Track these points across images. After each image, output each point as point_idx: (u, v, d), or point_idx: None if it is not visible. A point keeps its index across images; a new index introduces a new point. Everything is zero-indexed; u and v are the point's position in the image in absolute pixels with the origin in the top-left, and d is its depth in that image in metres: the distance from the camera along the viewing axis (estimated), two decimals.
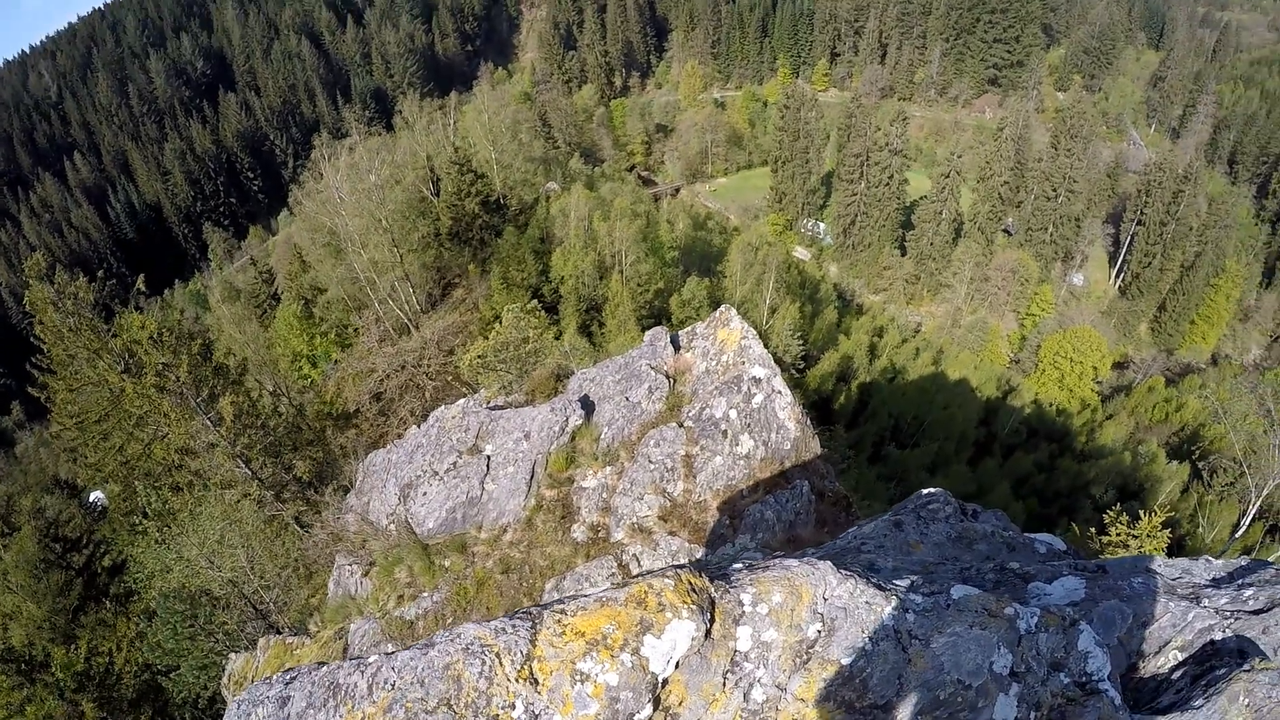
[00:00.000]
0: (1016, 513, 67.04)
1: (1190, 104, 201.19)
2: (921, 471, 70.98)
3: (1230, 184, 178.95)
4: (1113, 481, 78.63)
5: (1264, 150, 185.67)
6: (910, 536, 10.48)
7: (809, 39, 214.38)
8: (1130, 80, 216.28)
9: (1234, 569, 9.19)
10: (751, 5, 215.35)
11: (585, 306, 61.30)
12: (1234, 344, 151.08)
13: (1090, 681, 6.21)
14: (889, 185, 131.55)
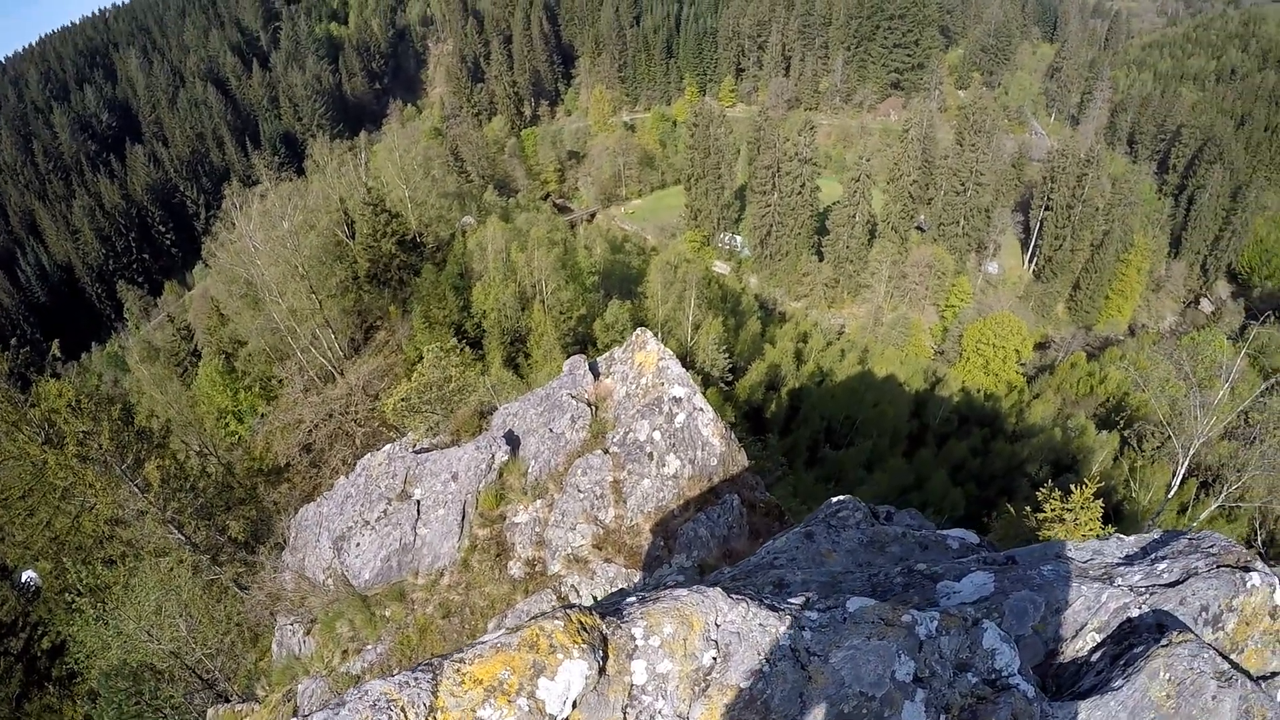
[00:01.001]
0: (955, 499, 68.16)
1: (1087, 91, 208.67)
2: (859, 469, 71.57)
3: (1131, 163, 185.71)
4: (1046, 458, 79.93)
5: (1161, 128, 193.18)
6: (822, 546, 10.46)
7: (714, 57, 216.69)
8: (1028, 74, 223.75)
9: (1147, 543, 9.20)
10: (656, 27, 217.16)
11: (509, 339, 60.95)
12: (1149, 313, 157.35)
13: (1000, 678, 6.28)
14: (801, 193, 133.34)
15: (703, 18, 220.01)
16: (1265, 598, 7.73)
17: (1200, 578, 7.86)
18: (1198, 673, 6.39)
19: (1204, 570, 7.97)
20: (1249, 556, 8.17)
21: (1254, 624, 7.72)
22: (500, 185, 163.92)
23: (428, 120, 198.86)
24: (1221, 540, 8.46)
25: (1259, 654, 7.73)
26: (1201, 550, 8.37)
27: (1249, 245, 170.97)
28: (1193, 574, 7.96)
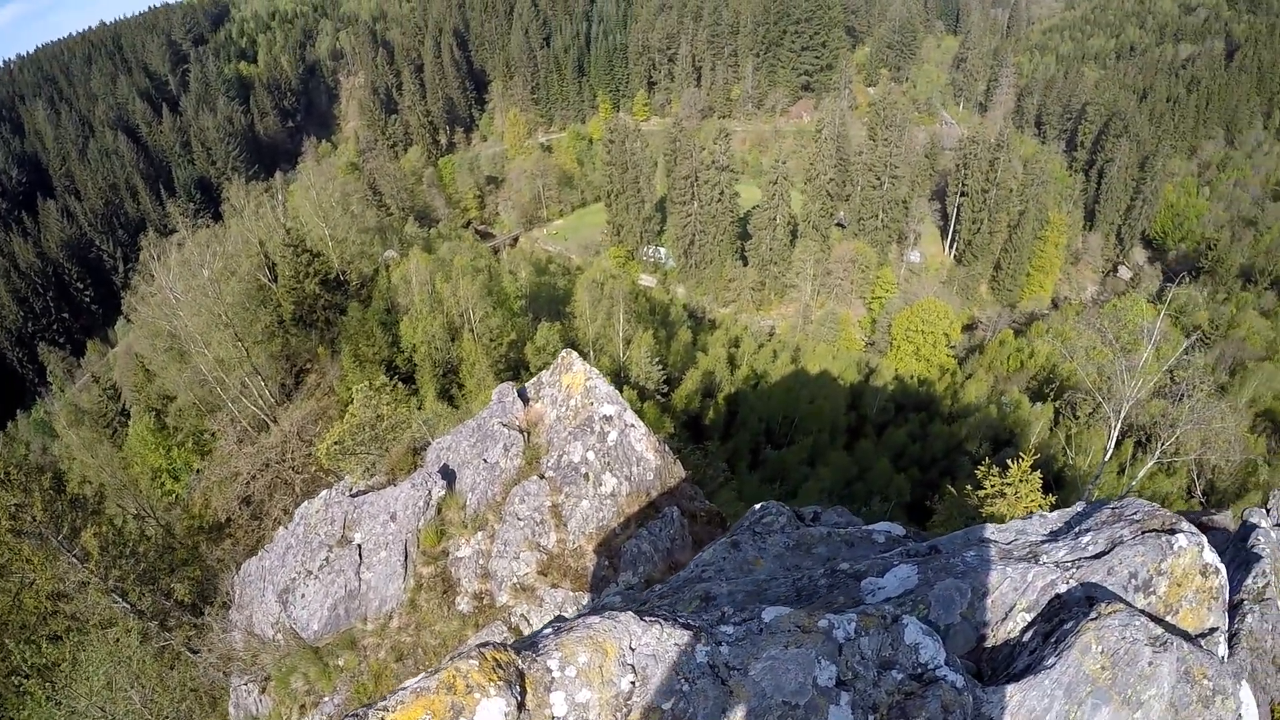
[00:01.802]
0: (900, 485, 68.89)
1: (993, 78, 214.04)
2: (802, 467, 71.94)
3: (1041, 144, 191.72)
4: (985, 435, 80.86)
5: (1066, 108, 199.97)
6: (749, 554, 10.48)
7: (625, 72, 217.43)
8: (934, 66, 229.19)
9: (1070, 517, 9.27)
10: (566, 47, 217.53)
11: (442, 370, 60.49)
12: (1070, 286, 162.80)
13: (927, 671, 6.35)
14: (721, 201, 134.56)
15: (612, 34, 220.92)
16: (1194, 558, 7.91)
17: (1126, 546, 8.00)
18: (1131, 641, 6.53)
19: (1129, 538, 8.11)
20: (1173, 519, 8.33)
21: (1185, 584, 7.89)
22: (421, 216, 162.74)
23: (343, 155, 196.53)
24: (1145, 506, 8.63)
25: (1195, 613, 7.91)
26: (1125, 518, 8.52)
27: (1160, 212, 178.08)
28: (1118, 543, 8.09)
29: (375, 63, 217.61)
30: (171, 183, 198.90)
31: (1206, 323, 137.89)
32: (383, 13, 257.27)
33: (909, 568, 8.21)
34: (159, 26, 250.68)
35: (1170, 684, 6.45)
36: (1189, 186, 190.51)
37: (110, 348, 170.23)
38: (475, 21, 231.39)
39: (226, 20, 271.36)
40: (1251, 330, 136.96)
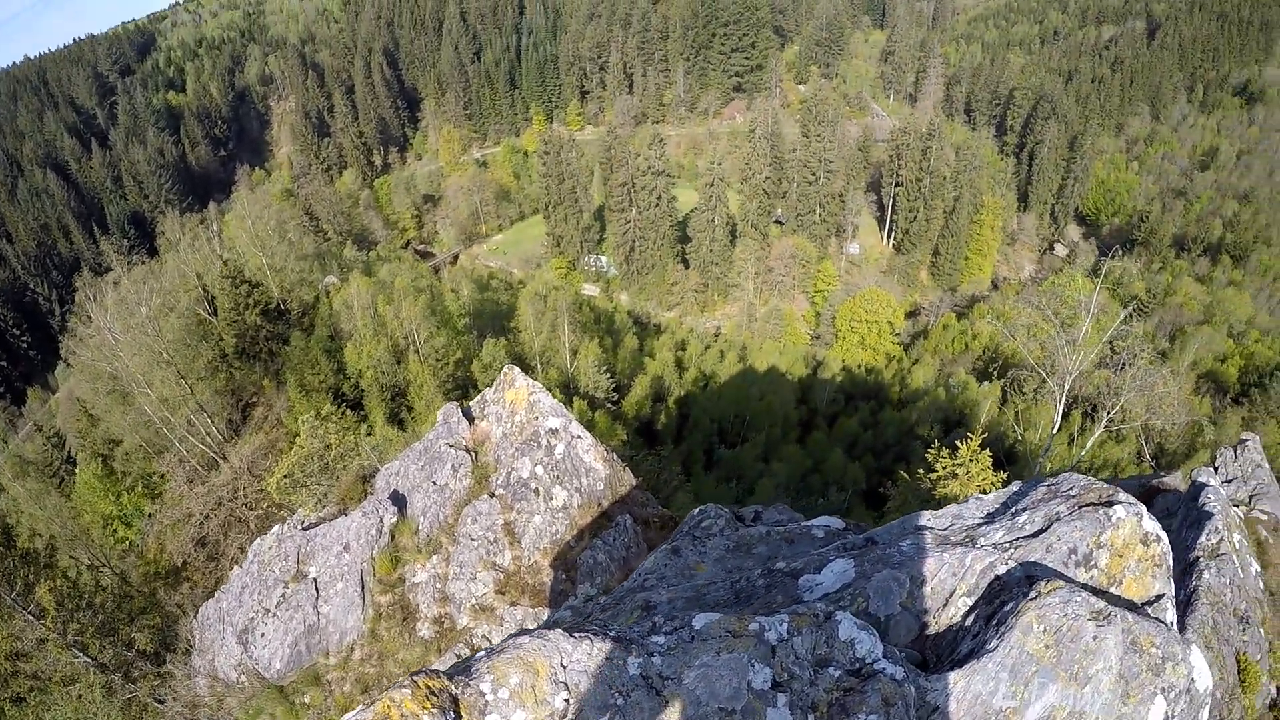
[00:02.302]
0: (855, 474, 69.24)
1: (921, 70, 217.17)
2: (757, 463, 72.15)
3: (971, 130, 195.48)
4: (935, 418, 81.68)
5: (994, 94, 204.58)
6: (689, 559, 10.51)
7: (557, 83, 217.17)
8: (863, 61, 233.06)
9: (1007, 497, 9.27)
10: (497, 60, 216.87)
11: (390, 395, 59.96)
12: (1009, 266, 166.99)
13: (864, 666, 6.39)
14: (659, 206, 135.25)
15: (542, 45, 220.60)
16: (1133, 528, 7.98)
17: (1063, 522, 8.02)
18: (1073, 617, 6.55)
19: (1066, 514, 8.14)
20: (1110, 491, 8.38)
21: (1127, 555, 7.94)
22: (359, 239, 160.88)
23: (277, 182, 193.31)
24: (1080, 480, 8.69)
25: (1139, 581, 7.96)
26: (1061, 494, 8.56)
27: (1092, 189, 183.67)
28: (1056, 520, 8.10)
29: (305, 86, 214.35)
30: (104, 220, 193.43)
31: (1144, 292, 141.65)
32: (311, 35, 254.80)
33: (845, 562, 8.23)
34: (84, 59, 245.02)
35: (1118, 656, 6.49)
36: (1118, 163, 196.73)
37: (51, 394, 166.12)
38: (405, 39, 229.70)
39: (153, 49, 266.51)
40: (1188, 296, 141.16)
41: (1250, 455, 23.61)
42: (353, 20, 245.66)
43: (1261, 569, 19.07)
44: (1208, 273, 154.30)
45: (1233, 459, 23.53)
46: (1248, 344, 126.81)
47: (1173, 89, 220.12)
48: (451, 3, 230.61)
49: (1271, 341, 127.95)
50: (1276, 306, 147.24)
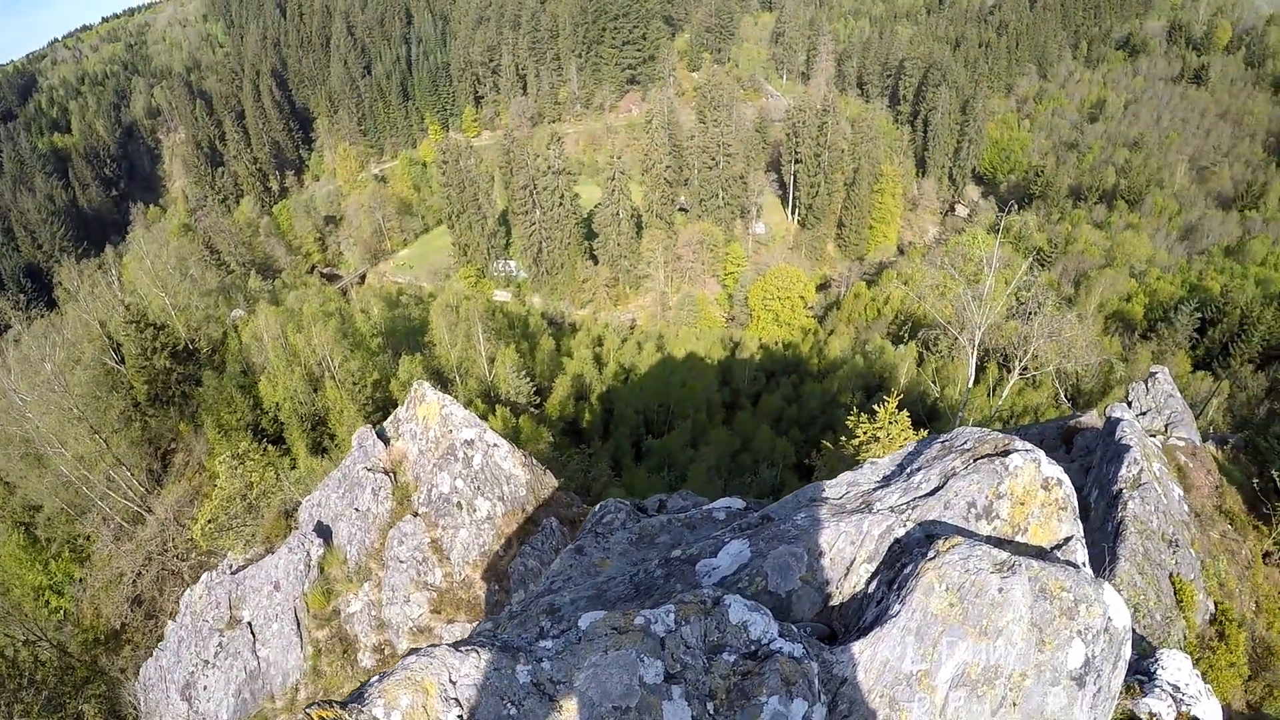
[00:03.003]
0: (784, 448, 69.62)
1: (812, 48, 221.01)
2: (685, 450, 72.41)
3: (865, 103, 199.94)
4: (856, 385, 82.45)
5: (885, 66, 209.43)
6: (594, 557, 10.28)
7: (450, 90, 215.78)
8: (754, 44, 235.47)
9: (903, 458, 9.23)
10: (388, 73, 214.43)
11: (310, 425, 59.01)
12: (913, 231, 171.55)
13: (760, 647, 6.30)
14: (562, 205, 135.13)
15: (433, 54, 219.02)
16: (1032, 474, 7.95)
17: (960, 477, 8.01)
18: (975, 572, 6.52)
19: (962, 469, 8.13)
20: (1006, 440, 8.39)
21: (1029, 502, 7.89)
22: (263, 268, 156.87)
23: (174, 217, 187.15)
24: (974, 433, 8.74)
25: (1044, 526, 7.91)
26: (956, 449, 8.57)
27: (987, 149, 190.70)
28: (952, 475, 8.10)
29: (194, 115, 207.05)
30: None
31: (1045, 243, 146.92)
32: (196, 62, 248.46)
33: (740, 542, 8.09)
34: None
35: (1027, 605, 6.49)
36: (1010, 122, 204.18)
37: None
38: (292, 59, 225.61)
39: (34, 90, 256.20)
40: (1089, 243, 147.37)
41: (1161, 386, 24.62)
42: (238, 44, 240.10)
43: (1185, 493, 20.15)
44: (1105, 219, 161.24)
45: (1145, 392, 24.55)
46: (1150, 282, 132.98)
47: (1058, 47, 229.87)
48: (338, 18, 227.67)
49: (1172, 278, 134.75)
50: (1174, 244, 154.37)
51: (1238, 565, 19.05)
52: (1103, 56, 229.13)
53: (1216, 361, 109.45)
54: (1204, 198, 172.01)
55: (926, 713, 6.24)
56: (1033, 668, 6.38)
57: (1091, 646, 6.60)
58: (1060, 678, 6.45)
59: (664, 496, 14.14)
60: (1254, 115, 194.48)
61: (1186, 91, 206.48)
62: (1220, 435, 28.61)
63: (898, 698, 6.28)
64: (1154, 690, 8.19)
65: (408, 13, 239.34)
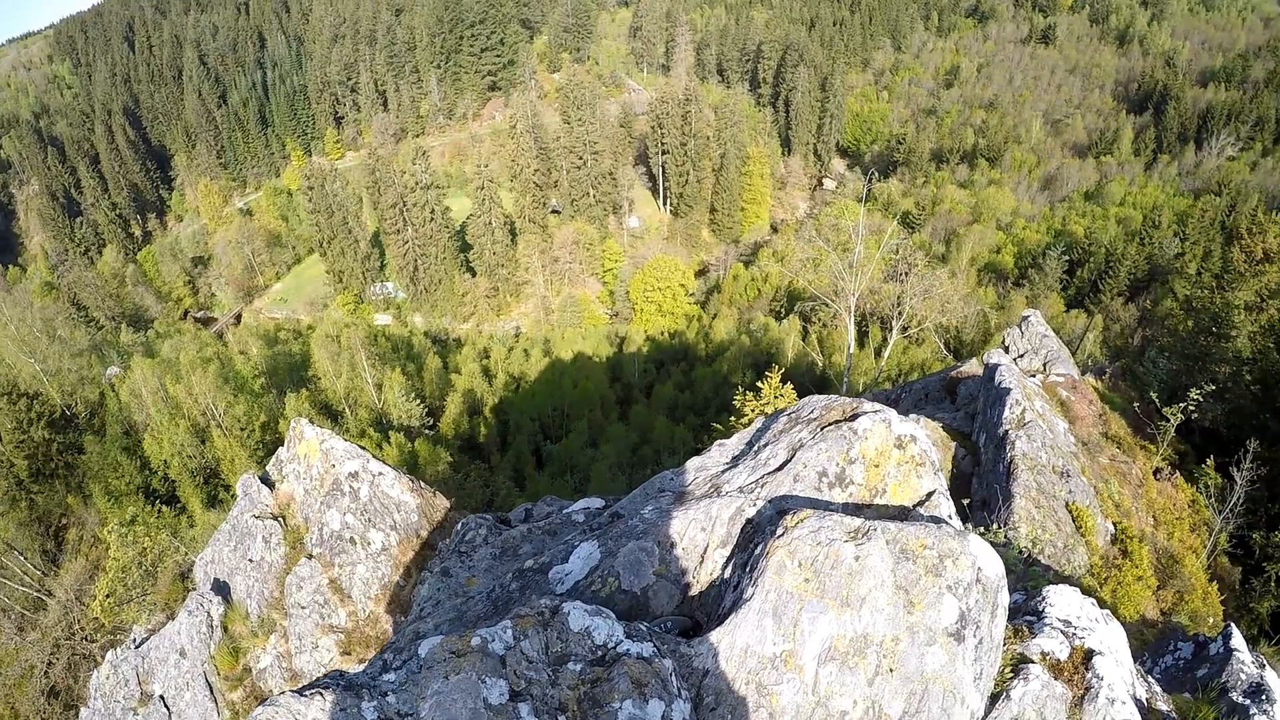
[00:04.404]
0: (682, 435, 70.36)
1: (670, 39, 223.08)
2: (586, 450, 73.14)
3: (726, 89, 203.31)
4: (745, 364, 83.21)
5: (743, 51, 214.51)
6: (461, 578, 10.45)
7: (309, 114, 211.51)
8: (613, 40, 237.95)
9: (750, 435, 9.35)
10: (244, 101, 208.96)
11: (202, 478, 57.92)
12: (784, 208, 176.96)
13: (607, 652, 6.24)
14: (434, 220, 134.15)
15: (289, 77, 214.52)
16: (884, 435, 8.05)
17: (807, 447, 8.07)
18: (827, 543, 6.44)
19: (810, 439, 8.21)
20: (853, 405, 8.49)
21: (884, 463, 8.00)
22: (134, 320, 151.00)
23: (35, 276, 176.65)
24: (820, 401, 8.80)
25: (903, 485, 8.03)
26: (802, 420, 8.64)
27: (848, 123, 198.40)
28: (800, 447, 8.16)
29: (46, 165, 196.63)
30: None
31: (913, 206, 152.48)
32: (44, 107, 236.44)
33: (590, 544, 8.08)
34: None
35: (888, 568, 6.41)
36: (869, 95, 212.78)
37: None
38: (144, 95, 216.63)
39: None
40: (955, 202, 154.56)
41: (1035, 328, 25.93)
42: (86, 84, 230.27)
43: (1070, 425, 21.50)
44: (968, 178, 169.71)
45: (1020, 335, 25.87)
46: (1017, 232, 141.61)
47: (910, 20, 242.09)
48: (189, 47, 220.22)
49: (1037, 226, 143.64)
50: (1036, 195, 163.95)
51: (1130, 485, 20.44)
52: (953, 25, 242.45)
53: (1088, 299, 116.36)
54: (1060, 148, 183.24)
55: (798, 693, 6.17)
56: (904, 631, 6.32)
57: (964, 600, 6.58)
58: (936, 636, 6.40)
59: (529, 505, 14.54)
60: (1101, 68, 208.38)
61: (1036, 51, 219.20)
62: (1099, 366, 30.61)
63: (765, 682, 6.23)
64: (1044, 629, 8.11)
65: (260, 36, 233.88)
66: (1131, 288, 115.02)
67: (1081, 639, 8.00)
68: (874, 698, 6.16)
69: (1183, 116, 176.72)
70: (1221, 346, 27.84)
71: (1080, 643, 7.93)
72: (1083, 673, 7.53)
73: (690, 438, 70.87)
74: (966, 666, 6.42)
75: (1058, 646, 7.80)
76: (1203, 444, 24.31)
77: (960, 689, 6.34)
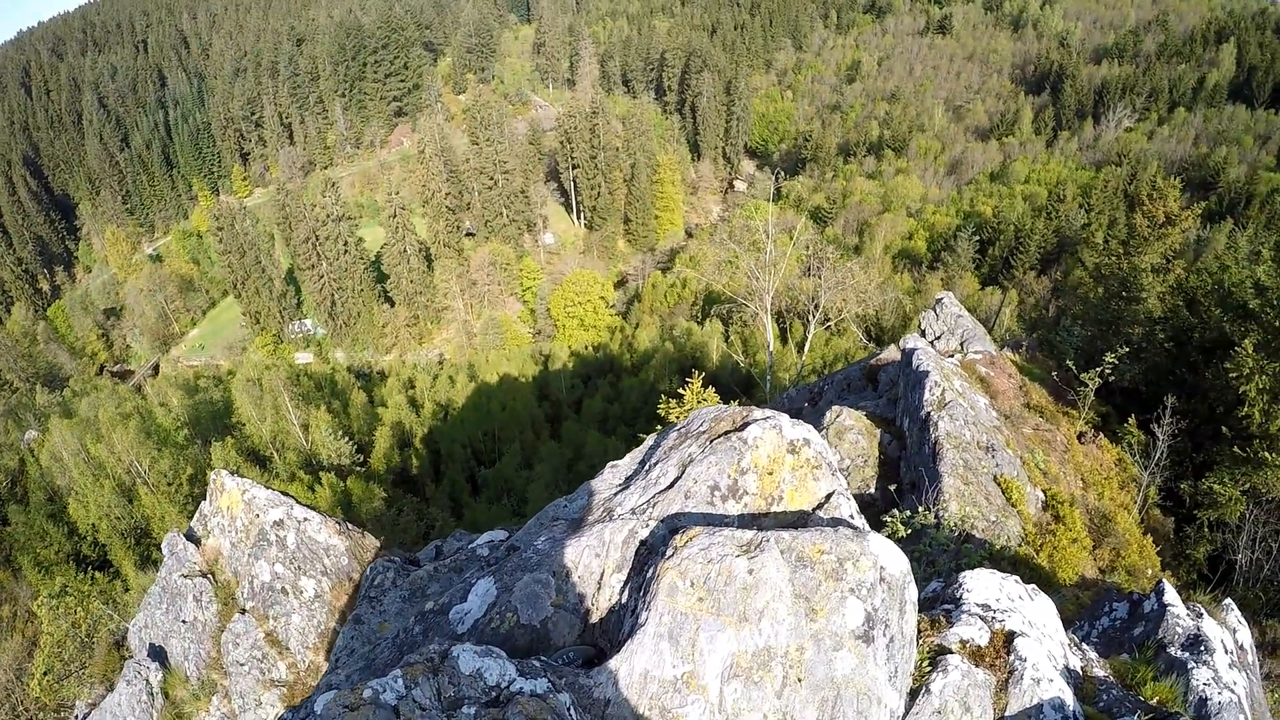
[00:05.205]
0: (615, 447, 68.44)
1: (574, 53, 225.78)
2: (521, 471, 72.99)
3: (632, 99, 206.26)
4: (672, 370, 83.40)
5: (647, 61, 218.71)
6: (373, 624, 10.19)
7: (214, 152, 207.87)
8: (517, 57, 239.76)
9: (643, 453, 9.26)
10: (147, 142, 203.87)
11: (134, 539, 56.88)
12: (697, 213, 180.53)
13: (501, 692, 6.12)
14: (348, 252, 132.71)
15: (191, 115, 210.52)
16: (775, 441, 7.88)
17: (697, 462, 7.92)
18: (718, 560, 6.32)
19: (699, 453, 8.05)
20: (743, 414, 8.33)
21: (778, 470, 7.82)
22: (49, 379, 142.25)
23: None
24: (709, 413, 8.65)
25: (801, 489, 7.88)
26: (692, 434, 8.49)
27: (755, 124, 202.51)
28: (690, 462, 8.01)
29: None
30: None
31: (824, 201, 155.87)
32: None
33: (487, 581, 8.02)
34: None
35: (785, 578, 6.30)
36: (774, 95, 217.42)
37: None
38: (44, 142, 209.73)
39: None
40: (864, 193, 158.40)
41: (949, 309, 26.42)
42: None
43: (991, 400, 21.91)
44: (876, 169, 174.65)
45: (935, 318, 26.36)
46: (927, 218, 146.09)
47: (809, 19, 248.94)
48: (87, 90, 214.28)
49: (947, 210, 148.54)
50: (943, 180, 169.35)
51: (1056, 452, 20.95)
52: (852, 21, 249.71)
53: (1001, 275, 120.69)
54: (964, 133, 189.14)
55: (704, 713, 6.10)
56: (809, 639, 6.23)
57: (869, 601, 6.48)
58: (843, 641, 6.32)
59: (440, 542, 14.06)
60: (998, 53, 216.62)
61: (934, 41, 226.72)
62: (1015, 340, 31.65)
63: (669, 705, 6.14)
64: (962, 617, 8.02)
65: (160, 75, 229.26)
66: (1042, 261, 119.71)
67: (1002, 621, 8.06)
68: (785, 709, 6.13)
69: (1079, 94, 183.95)
70: (1133, 309, 28.85)
71: (1001, 625, 7.97)
72: (1005, 656, 7.56)
73: (623, 449, 69.90)
74: (879, 667, 6.39)
75: (977, 633, 7.82)
76: (1124, 404, 25.00)
77: (875, 690, 6.32)
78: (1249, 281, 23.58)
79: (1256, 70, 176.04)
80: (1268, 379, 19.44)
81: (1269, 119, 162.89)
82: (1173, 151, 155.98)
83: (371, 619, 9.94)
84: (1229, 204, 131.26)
